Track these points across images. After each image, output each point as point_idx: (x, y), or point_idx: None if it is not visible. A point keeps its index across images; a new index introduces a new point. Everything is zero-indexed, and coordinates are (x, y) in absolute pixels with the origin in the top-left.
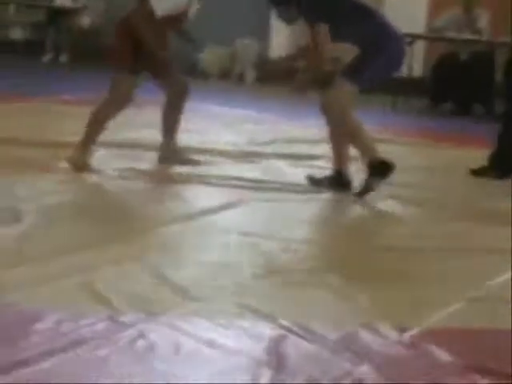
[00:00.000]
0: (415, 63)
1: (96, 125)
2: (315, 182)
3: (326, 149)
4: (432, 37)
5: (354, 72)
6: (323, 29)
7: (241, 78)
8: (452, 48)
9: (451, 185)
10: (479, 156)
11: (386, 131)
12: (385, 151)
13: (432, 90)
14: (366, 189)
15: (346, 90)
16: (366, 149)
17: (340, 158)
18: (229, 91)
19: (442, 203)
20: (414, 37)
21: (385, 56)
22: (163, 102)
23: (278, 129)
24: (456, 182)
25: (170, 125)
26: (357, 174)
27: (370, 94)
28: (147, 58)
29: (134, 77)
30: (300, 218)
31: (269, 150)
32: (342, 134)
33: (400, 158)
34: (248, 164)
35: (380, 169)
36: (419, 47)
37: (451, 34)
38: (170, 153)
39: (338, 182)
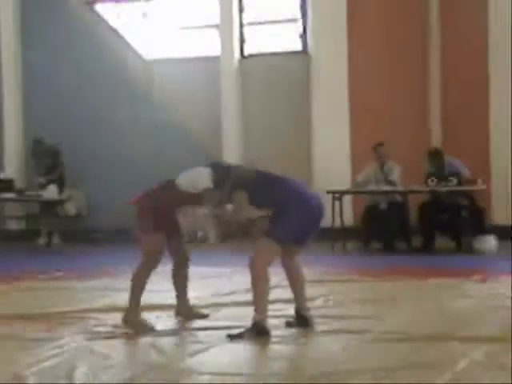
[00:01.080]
0: (345, 213)
1: (138, 287)
2: (235, 336)
3: (278, 294)
4: (355, 191)
5: (271, 231)
6: (240, 195)
7: (205, 240)
8: (373, 199)
9: (384, 313)
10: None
11: (329, 272)
12: (330, 289)
13: (362, 235)
14: (240, 336)
15: (267, 246)
16: (261, 309)
17: (298, 300)
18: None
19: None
20: (343, 192)
21: (297, 215)
22: (171, 268)
23: (236, 280)
24: (389, 310)
25: (180, 287)
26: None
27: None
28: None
29: (161, 235)
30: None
31: (229, 299)
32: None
33: (340, 293)
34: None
35: (259, 331)
36: (347, 200)
37: (371, 187)
38: (185, 309)
39: (300, 322)
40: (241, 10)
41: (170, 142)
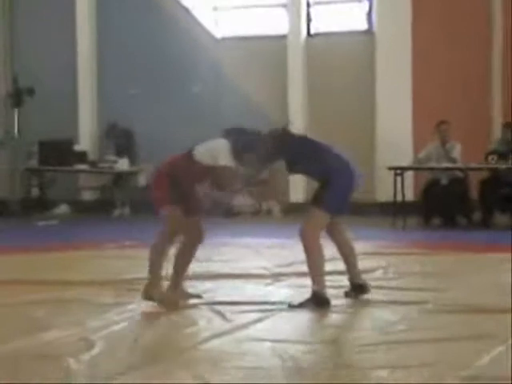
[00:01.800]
0: (407, 189)
1: (157, 261)
2: (296, 306)
3: (337, 265)
4: (417, 167)
5: (320, 201)
6: (280, 165)
7: (268, 213)
8: (434, 174)
9: (443, 286)
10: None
11: (389, 246)
12: (389, 262)
13: (423, 210)
14: (300, 306)
15: (317, 216)
16: (318, 279)
17: (352, 272)
18: (259, 224)
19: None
20: (404, 168)
21: (344, 184)
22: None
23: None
24: (448, 283)
25: (180, 268)
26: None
27: (372, 217)
28: (182, 197)
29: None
30: (319, 323)
31: (291, 269)
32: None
33: (399, 266)
34: (277, 282)
35: (319, 300)
36: (409, 176)
37: (432, 164)
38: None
39: (358, 291)
40: None
41: (237, 117)
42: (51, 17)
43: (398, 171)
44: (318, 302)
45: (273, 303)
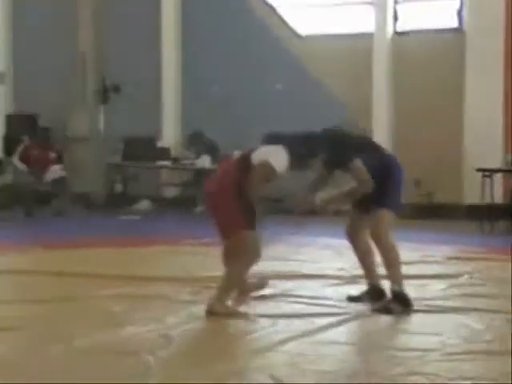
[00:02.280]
0: (496, 192)
1: (234, 282)
2: (355, 299)
3: (421, 269)
4: (507, 169)
5: (385, 200)
6: (358, 163)
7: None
8: None
9: None
10: None
11: (475, 251)
12: (475, 268)
13: None
14: (386, 311)
15: (385, 216)
16: (397, 278)
17: (371, 273)
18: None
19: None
20: (493, 170)
21: (401, 183)
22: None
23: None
24: None
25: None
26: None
27: (458, 221)
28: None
29: (255, 231)
30: (401, 328)
31: None
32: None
33: (485, 272)
34: (355, 285)
35: (402, 300)
36: (498, 178)
37: None
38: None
39: (374, 295)
40: None
41: (322, 116)
42: (137, 17)
43: (487, 173)
44: (403, 301)
45: (352, 306)
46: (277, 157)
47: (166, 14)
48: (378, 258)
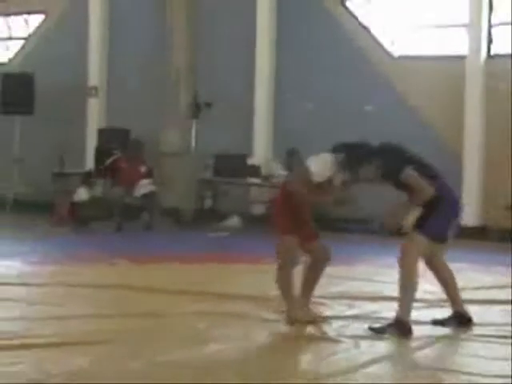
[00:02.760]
0: None
1: (286, 286)
2: (439, 323)
3: (509, 293)
4: None
5: (424, 226)
6: (412, 171)
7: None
8: None
9: None
10: None
11: None
12: None
13: None
14: (381, 330)
15: (417, 241)
16: (406, 306)
17: (454, 299)
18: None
19: None
20: None
21: (449, 212)
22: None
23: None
24: None
25: (308, 285)
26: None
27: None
28: (299, 222)
29: (295, 238)
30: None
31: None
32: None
33: None
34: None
35: (402, 328)
36: None
37: None
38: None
39: (459, 320)
40: (490, 10)
41: (410, 136)
42: (231, 34)
43: None
44: (401, 329)
45: (435, 329)
46: (316, 162)
47: (261, 32)
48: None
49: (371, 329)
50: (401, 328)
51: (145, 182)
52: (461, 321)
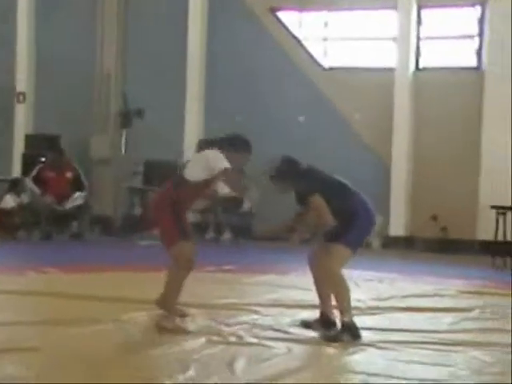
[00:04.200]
0: (509, 229)
1: (172, 292)
2: (307, 325)
3: (435, 302)
4: None
5: (345, 237)
6: (320, 198)
7: (367, 246)
8: None
9: None
10: None
11: (487, 285)
12: (486, 302)
13: None
14: (335, 339)
15: (340, 250)
16: (348, 311)
17: (325, 301)
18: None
19: None
20: (508, 208)
21: (365, 223)
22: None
23: (394, 285)
24: None
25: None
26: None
27: (472, 255)
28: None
29: (188, 242)
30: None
31: (388, 304)
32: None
33: (497, 307)
34: (371, 316)
35: (353, 332)
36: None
37: None
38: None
39: (324, 323)
40: (419, 24)
41: (340, 146)
42: (163, 42)
43: (501, 210)
44: (353, 333)
45: (366, 336)
46: (192, 166)
47: (192, 38)
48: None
49: (325, 337)
50: (353, 331)
51: (76, 196)
52: (325, 324)
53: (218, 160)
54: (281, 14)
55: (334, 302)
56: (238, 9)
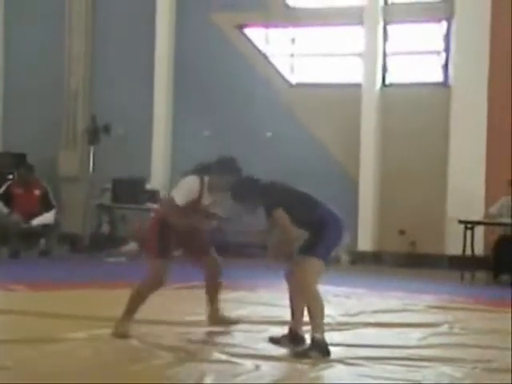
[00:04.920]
0: (477, 244)
1: (136, 302)
2: (275, 341)
3: (403, 317)
4: (489, 222)
5: (316, 250)
6: (282, 212)
7: (336, 261)
8: (506, 230)
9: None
10: None
11: (456, 300)
12: (455, 317)
13: (492, 266)
14: (304, 355)
15: (313, 263)
16: (320, 327)
17: (298, 317)
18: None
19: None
20: (475, 223)
21: (334, 235)
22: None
23: (363, 301)
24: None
25: (211, 297)
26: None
27: (440, 270)
28: (184, 241)
29: (165, 261)
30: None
31: (357, 319)
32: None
33: (465, 322)
34: (341, 332)
35: (323, 348)
36: (479, 230)
37: (504, 219)
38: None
39: (292, 339)
40: (385, 40)
41: (308, 162)
42: (131, 57)
43: (469, 225)
44: (322, 349)
45: (334, 352)
46: (178, 189)
47: (159, 55)
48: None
49: (294, 354)
50: (322, 348)
51: (46, 216)
52: (294, 340)
53: (178, 189)
54: (247, 31)
55: (306, 318)
56: (205, 26)
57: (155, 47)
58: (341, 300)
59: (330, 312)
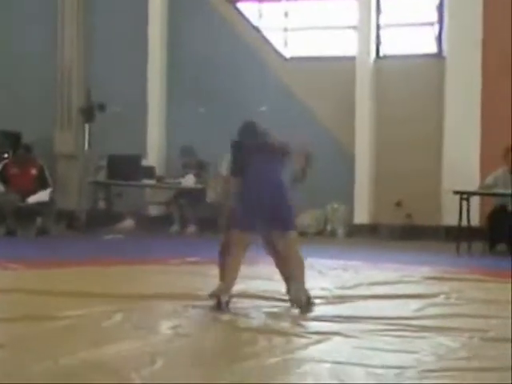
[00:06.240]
0: (473, 214)
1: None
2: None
3: (400, 288)
4: (484, 193)
5: (288, 224)
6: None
7: (332, 234)
8: (501, 200)
9: (506, 314)
10: None
11: (452, 271)
12: (452, 288)
13: (488, 236)
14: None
15: (294, 237)
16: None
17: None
18: (323, 244)
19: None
20: (470, 193)
21: (248, 203)
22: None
23: (361, 274)
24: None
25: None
26: None
27: (437, 242)
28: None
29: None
30: (386, 348)
31: (353, 292)
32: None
33: (462, 292)
34: (338, 304)
35: (305, 292)
36: (475, 201)
37: (499, 190)
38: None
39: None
40: (378, 12)
41: (303, 134)
42: (124, 35)
43: (464, 196)
44: (305, 293)
45: (331, 326)
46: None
47: (153, 31)
48: None
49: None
50: (305, 292)
51: (41, 193)
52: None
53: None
54: (241, 5)
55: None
56: (197, 0)
57: (148, 23)
58: (338, 273)
59: (327, 285)
